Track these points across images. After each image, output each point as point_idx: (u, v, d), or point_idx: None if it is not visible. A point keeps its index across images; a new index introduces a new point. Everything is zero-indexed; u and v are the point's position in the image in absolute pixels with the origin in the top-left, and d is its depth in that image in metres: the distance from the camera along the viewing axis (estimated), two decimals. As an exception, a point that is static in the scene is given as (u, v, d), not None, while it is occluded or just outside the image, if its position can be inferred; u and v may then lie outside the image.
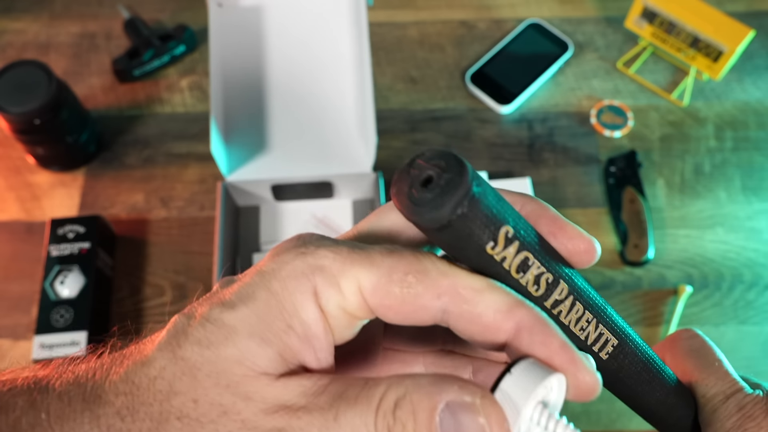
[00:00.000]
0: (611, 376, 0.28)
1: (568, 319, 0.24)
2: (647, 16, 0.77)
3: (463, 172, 0.20)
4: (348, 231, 0.26)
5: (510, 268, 0.22)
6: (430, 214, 0.20)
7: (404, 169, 0.21)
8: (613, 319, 0.26)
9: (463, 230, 0.20)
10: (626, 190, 0.72)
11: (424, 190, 0.20)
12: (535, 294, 0.23)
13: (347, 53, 0.70)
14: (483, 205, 0.20)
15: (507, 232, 0.21)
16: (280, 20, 0.70)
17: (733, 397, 0.30)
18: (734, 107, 0.78)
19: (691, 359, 0.32)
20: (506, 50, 0.81)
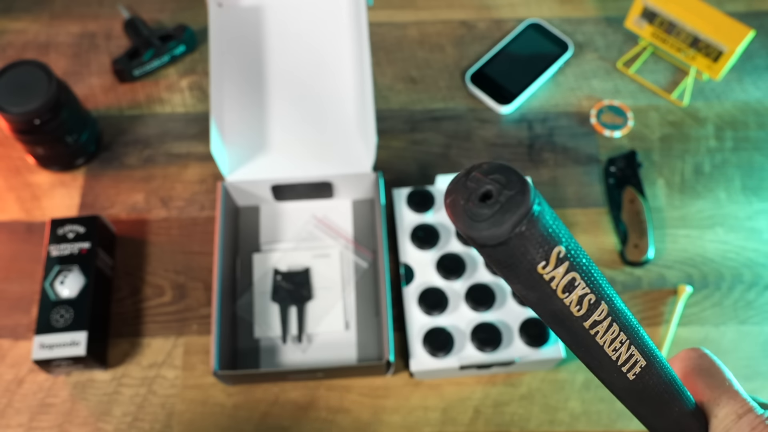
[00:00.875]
0: (635, 395, 0.28)
1: (603, 340, 0.24)
2: (647, 16, 0.77)
3: (525, 191, 0.19)
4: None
5: (557, 288, 0.21)
6: (489, 230, 0.19)
7: (460, 180, 0.20)
8: (645, 341, 0.26)
9: (519, 249, 0.20)
10: (626, 190, 0.72)
11: (482, 205, 0.19)
12: (577, 314, 0.23)
13: (347, 53, 0.70)
14: (541, 225, 0.20)
15: (560, 252, 0.21)
16: (280, 20, 0.70)
17: (745, 417, 0.30)
18: (734, 107, 0.78)
19: (702, 379, 0.33)
20: (506, 50, 0.81)
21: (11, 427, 0.62)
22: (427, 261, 0.66)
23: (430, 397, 0.64)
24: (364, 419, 0.63)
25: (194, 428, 0.62)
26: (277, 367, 0.64)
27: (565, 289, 0.22)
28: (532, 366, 0.63)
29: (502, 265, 0.21)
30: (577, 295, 0.22)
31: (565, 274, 0.21)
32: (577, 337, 0.24)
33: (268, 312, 0.66)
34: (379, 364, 0.59)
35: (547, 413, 0.63)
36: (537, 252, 0.20)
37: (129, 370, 0.65)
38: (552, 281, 0.21)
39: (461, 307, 0.64)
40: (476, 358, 0.61)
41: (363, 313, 0.67)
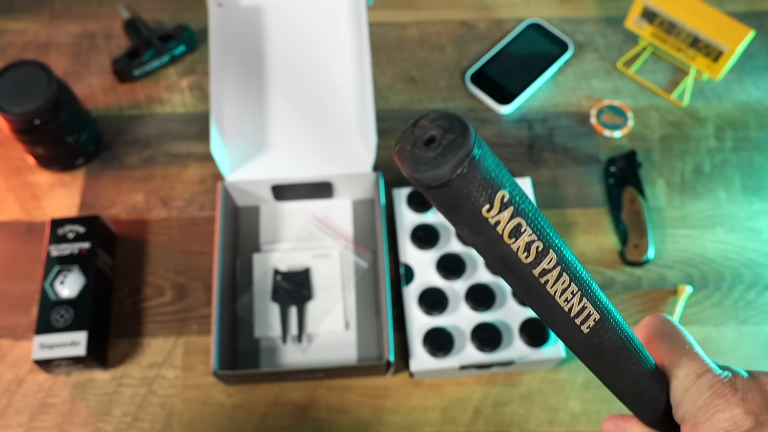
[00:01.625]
0: (591, 350, 0.29)
1: (554, 289, 0.25)
2: (647, 16, 0.77)
3: (466, 134, 0.20)
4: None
5: (503, 232, 0.22)
6: (432, 171, 0.20)
7: (408, 128, 0.21)
8: (597, 295, 0.27)
9: (462, 190, 0.20)
10: (626, 190, 0.72)
11: (426, 149, 0.20)
12: (525, 261, 0.23)
13: (347, 53, 0.70)
14: (482, 168, 0.20)
15: (503, 196, 0.21)
16: (280, 20, 0.70)
17: (704, 377, 0.31)
18: (734, 107, 0.78)
19: (664, 343, 0.34)
20: (506, 50, 0.81)
21: (11, 427, 0.62)
22: (427, 261, 0.66)
23: (430, 397, 0.63)
24: (364, 419, 0.63)
25: (194, 428, 0.62)
26: (277, 367, 0.64)
27: (512, 234, 0.22)
28: (532, 366, 0.63)
29: (448, 208, 0.21)
30: (524, 242, 0.23)
31: (510, 219, 0.22)
32: (528, 286, 0.25)
33: (268, 312, 0.66)
34: (379, 364, 0.59)
35: (547, 413, 0.63)
36: (480, 195, 0.21)
37: (129, 370, 0.65)
38: (497, 225, 0.22)
39: (461, 307, 0.64)
40: (476, 358, 0.61)
41: (363, 313, 0.67)
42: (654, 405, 0.33)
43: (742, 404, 0.30)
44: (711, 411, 0.30)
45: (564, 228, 0.71)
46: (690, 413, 0.31)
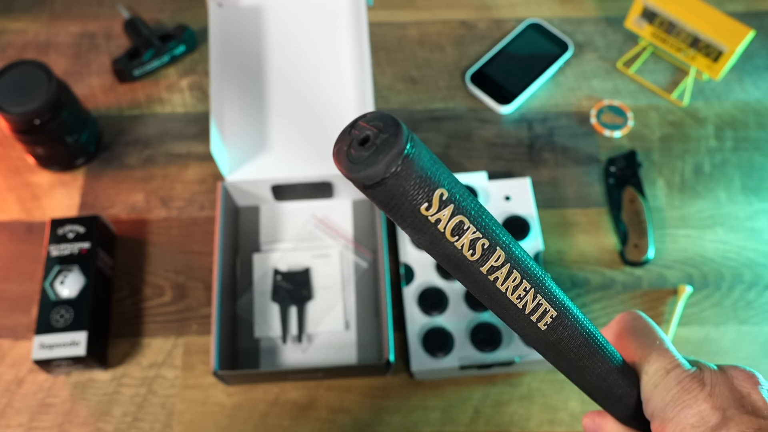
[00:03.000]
0: (551, 348, 0.29)
1: (505, 287, 0.25)
2: (647, 16, 0.77)
3: (398, 133, 0.20)
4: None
5: (445, 230, 0.22)
6: (365, 171, 0.20)
7: (346, 130, 0.22)
8: (553, 291, 0.27)
9: (397, 189, 0.21)
10: (626, 190, 0.72)
11: (361, 149, 0.21)
12: (471, 258, 0.23)
13: (347, 53, 0.70)
14: (417, 166, 0.21)
15: (442, 194, 0.21)
16: (280, 20, 0.70)
17: (673, 372, 0.31)
18: (734, 107, 0.78)
19: (635, 339, 0.34)
20: (506, 50, 0.81)
21: (11, 427, 0.62)
22: (427, 261, 0.66)
23: (430, 397, 0.64)
24: (364, 419, 0.63)
25: (194, 428, 0.62)
26: (277, 367, 0.64)
27: (454, 232, 0.22)
28: (532, 366, 0.63)
29: (387, 207, 0.22)
30: (468, 239, 0.23)
31: (451, 216, 0.22)
32: (478, 283, 0.25)
33: (268, 312, 0.66)
34: (379, 364, 0.59)
35: (547, 413, 0.63)
36: (417, 193, 0.21)
37: (129, 370, 0.65)
38: (438, 223, 0.22)
39: (461, 307, 0.64)
40: (476, 358, 0.61)
41: (363, 313, 0.67)
42: (624, 402, 0.33)
43: (709, 399, 0.30)
44: (679, 407, 0.30)
45: (564, 228, 0.71)
46: (659, 409, 0.31)
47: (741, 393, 0.30)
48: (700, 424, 0.29)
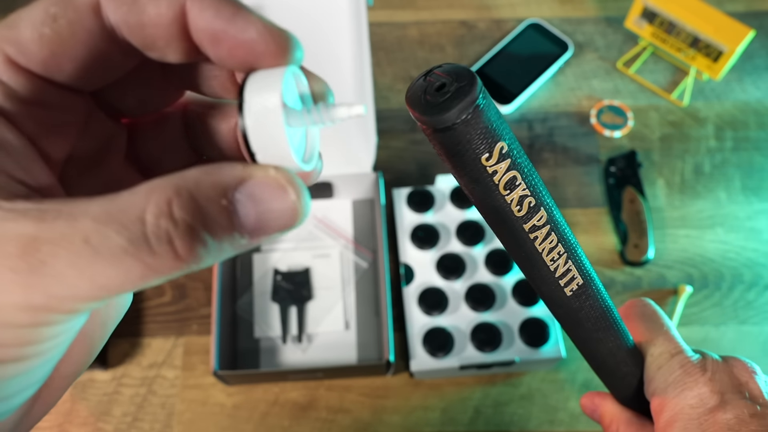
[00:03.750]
0: (572, 315, 0.30)
1: (541, 247, 0.26)
2: (647, 16, 0.77)
3: (473, 83, 0.21)
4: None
5: (499, 183, 0.23)
6: (439, 115, 0.21)
7: (421, 77, 0.23)
8: (582, 260, 0.28)
9: (465, 136, 0.22)
10: (626, 190, 0.72)
11: (436, 95, 0.22)
12: (517, 214, 0.24)
13: (347, 53, 0.70)
14: (485, 117, 0.22)
15: (502, 147, 0.22)
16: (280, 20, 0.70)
17: (677, 356, 0.33)
18: (734, 107, 0.78)
19: (644, 323, 0.36)
20: (506, 50, 0.81)
21: (11, 427, 0.62)
22: (427, 261, 0.66)
23: (430, 397, 0.63)
24: (364, 419, 0.63)
25: (194, 428, 0.62)
26: (277, 367, 0.64)
27: (507, 186, 0.23)
28: (532, 366, 0.63)
29: (450, 153, 0.22)
30: (518, 195, 0.24)
31: (507, 170, 0.23)
32: (518, 240, 0.26)
33: (268, 312, 0.66)
34: (379, 364, 0.59)
35: (547, 413, 0.63)
36: (481, 143, 0.22)
37: (129, 370, 0.65)
38: (494, 175, 0.23)
39: (461, 307, 0.64)
40: (476, 358, 0.61)
41: (363, 313, 0.67)
42: (627, 380, 0.34)
43: (709, 384, 0.31)
44: (680, 388, 0.32)
45: (564, 228, 0.71)
46: (660, 389, 0.33)
47: (740, 381, 0.32)
48: (699, 406, 0.31)
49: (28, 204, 0.17)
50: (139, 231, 0.16)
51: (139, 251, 0.16)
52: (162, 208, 0.16)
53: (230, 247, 0.18)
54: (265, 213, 0.18)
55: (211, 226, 0.17)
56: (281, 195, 0.18)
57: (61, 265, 0.16)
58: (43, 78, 0.19)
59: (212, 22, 0.19)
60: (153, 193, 0.16)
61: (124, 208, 0.16)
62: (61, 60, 0.19)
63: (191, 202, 0.16)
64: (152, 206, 0.16)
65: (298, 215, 0.18)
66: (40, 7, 0.19)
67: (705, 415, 0.31)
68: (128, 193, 0.17)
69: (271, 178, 0.18)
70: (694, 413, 0.31)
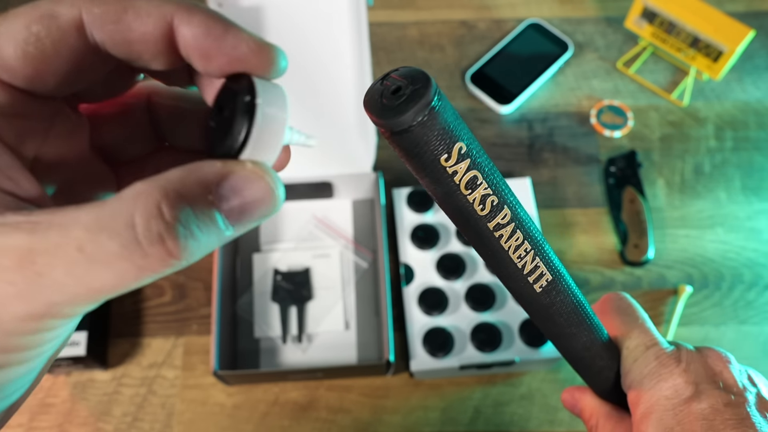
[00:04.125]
0: (542, 311, 0.30)
1: (507, 245, 0.26)
2: (647, 16, 0.77)
3: (428, 86, 0.22)
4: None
5: (460, 182, 0.23)
6: (395, 117, 0.22)
7: (378, 81, 0.23)
8: (550, 257, 0.28)
9: (421, 137, 0.22)
10: (626, 190, 0.72)
11: (392, 98, 0.22)
12: (480, 213, 0.25)
13: (347, 53, 0.70)
14: (441, 118, 0.22)
15: (461, 148, 0.23)
16: (280, 20, 0.70)
17: (652, 348, 0.34)
18: (734, 107, 0.78)
19: (619, 317, 0.36)
20: (506, 50, 0.81)
21: (11, 427, 0.62)
22: (427, 261, 0.66)
23: (430, 397, 0.64)
24: (364, 419, 0.63)
25: (194, 428, 0.62)
26: (277, 367, 0.64)
27: (468, 186, 0.24)
28: (532, 366, 0.63)
29: (410, 155, 0.23)
30: (480, 194, 0.24)
31: (467, 170, 0.23)
32: (483, 239, 0.26)
33: (268, 312, 0.66)
34: (379, 364, 0.59)
35: (547, 413, 0.63)
36: (439, 144, 0.22)
37: (129, 370, 0.65)
38: (455, 175, 0.23)
39: (461, 307, 0.64)
40: (476, 358, 0.61)
41: (363, 313, 0.67)
42: (604, 374, 0.35)
43: (684, 374, 0.32)
44: (655, 379, 0.32)
45: (564, 228, 0.71)
46: (636, 381, 0.33)
47: (714, 371, 0.32)
48: (674, 396, 0.31)
49: (19, 216, 0.17)
50: (131, 235, 0.17)
51: (132, 254, 0.17)
52: (151, 211, 0.17)
53: (217, 240, 0.19)
54: (248, 202, 0.19)
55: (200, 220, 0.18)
56: (261, 185, 0.19)
57: (58, 274, 0.17)
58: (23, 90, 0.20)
59: (203, 41, 0.20)
60: (140, 197, 0.17)
61: (113, 214, 0.17)
62: (44, 75, 0.20)
63: (179, 201, 0.17)
64: (141, 210, 0.17)
65: (277, 201, 0.20)
66: (20, 23, 0.19)
67: (680, 405, 0.31)
68: (115, 199, 0.17)
69: (251, 170, 0.19)
70: (669, 404, 0.31)
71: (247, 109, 0.20)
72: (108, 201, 0.17)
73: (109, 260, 0.17)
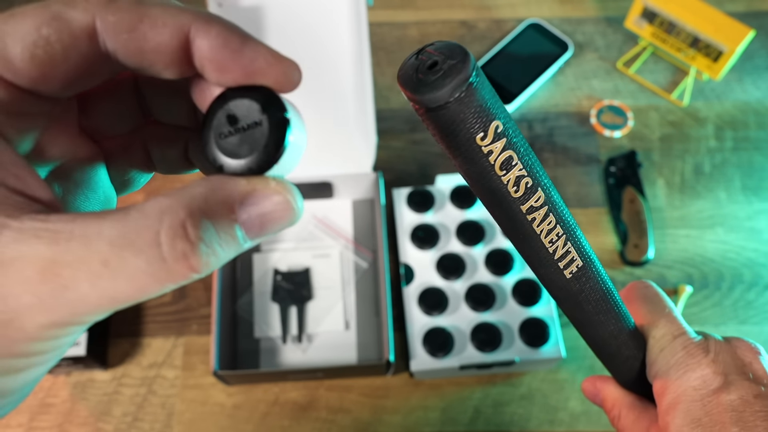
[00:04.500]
0: (572, 297, 0.29)
1: (539, 228, 0.25)
2: (647, 16, 0.77)
3: (466, 60, 0.21)
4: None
5: (495, 162, 0.23)
6: (431, 93, 0.21)
7: (413, 55, 0.22)
8: (581, 242, 0.27)
9: (458, 115, 0.21)
10: (626, 190, 0.72)
11: (428, 73, 0.21)
12: (514, 195, 0.24)
13: (347, 53, 0.70)
14: (479, 95, 0.21)
15: (497, 126, 0.22)
16: (279, 20, 0.70)
17: (680, 338, 0.33)
18: (734, 107, 0.78)
19: (645, 305, 0.35)
20: (506, 50, 0.81)
21: (11, 427, 0.62)
22: (427, 261, 0.66)
23: (430, 397, 0.64)
24: (364, 419, 0.63)
25: (194, 428, 0.62)
26: (277, 367, 0.64)
27: (503, 166, 0.23)
28: (532, 366, 0.63)
29: (444, 133, 0.22)
30: (514, 175, 0.23)
31: (502, 150, 0.22)
32: (515, 222, 0.25)
33: (268, 312, 0.66)
34: (379, 364, 0.59)
35: (547, 413, 0.63)
36: (475, 122, 0.21)
37: (129, 370, 0.65)
38: (490, 155, 0.22)
39: (461, 307, 0.64)
40: (476, 358, 0.61)
41: (363, 313, 0.67)
42: (630, 363, 0.34)
43: (712, 365, 0.31)
44: (683, 369, 0.32)
45: (564, 228, 0.71)
46: (663, 371, 0.33)
47: (743, 361, 0.31)
48: (702, 387, 0.31)
49: (36, 222, 0.17)
50: (157, 253, 0.17)
51: (157, 271, 0.17)
52: (177, 231, 0.17)
53: (235, 252, 0.19)
54: (269, 219, 0.19)
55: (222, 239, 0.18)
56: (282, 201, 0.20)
57: (83, 288, 0.17)
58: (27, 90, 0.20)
59: (220, 53, 0.20)
60: (165, 215, 0.17)
61: (138, 230, 0.17)
62: (50, 78, 0.19)
63: (204, 222, 0.18)
64: (166, 228, 0.17)
65: (296, 215, 0.20)
66: (30, 23, 0.19)
67: (708, 396, 0.30)
68: (139, 213, 0.18)
69: (273, 188, 0.19)
70: (697, 395, 0.30)
71: (279, 126, 0.20)
72: (131, 214, 0.18)
73: (133, 275, 0.17)
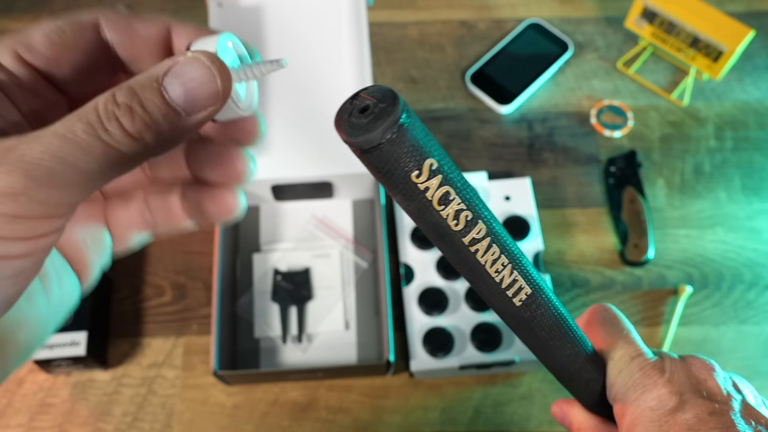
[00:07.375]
0: (524, 324, 0.30)
1: (484, 259, 0.26)
2: (647, 16, 0.77)
3: (395, 103, 0.22)
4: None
5: (432, 199, 0.24)
6: (364, 136, 0.22)
7: (348, 100, 0.23)
8: (528, 270, 0.28)
9: (391, 155, 0.22)
10: (626, 190, 0.72)
11: (361, 116, 0.22)
12: (455, 228, 0.25)
13: (347, 53, 0.70)
14: (410, 135, 0.22)
15: (431, 164, 0.23)
16: (280, 20, 0.70)
17: (637, 359, 0.33)
18: (734, 107, 0.78)
19: (603, 328, 0.36)
20: (506, 50, 0.81)
21: (11, 427, 0.62)
22: (427, 261, 0.66)
23: (430, 397, 0.64)
24: (364, 419, 0.63)
25: (194, 428, 0.62)
26: (277, 367, 0.64)
27: (441, 202, 0.24)
28: (532, 366, 0.63)
29: (381, 172, 0.23)
30: (453, 210, 0.24)
31: (439, 186, 0.23)
32: (459, 254, 0.26)
33: (268, 312, 0.66)
34: (379, 364, 0.59)
35: (547, 413, 0.63)
36: (409, 160, 0.22)
37: (129, 370, 0.65)
38: (427, 191, 0.23)
39: (461, 307, 0.64)
40: (476, 358, 0.61)
41: (363, 313, 0.67)
42: (591, 387, 0.35)
43: (668, 385, 0.32)
44: (639, 390, 0.32)
45: (564, 228, 0.71)
46: (621, 393, 0.33)
47: (698, 379, 0.32)
48: (659, 407, 0.31)
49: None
50: (94, 116, 0.21)
51: (96, 130, 0.21)
52: (108, 98, 0.22)
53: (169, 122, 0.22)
54: (190, 84, 0.22)
55: (147, 104, 0.22)
56: (201, 67, 0.22)
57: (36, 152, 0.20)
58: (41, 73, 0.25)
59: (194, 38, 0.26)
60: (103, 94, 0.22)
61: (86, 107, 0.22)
62: (62, 61, 0.25)
63: (129, 89, 0.22)
64: (101, 98, 0.22)
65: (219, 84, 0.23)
66: (50, 21, 0.25)
67: (665, 416, 0.31)
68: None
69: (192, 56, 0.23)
70: (654, 415, 0.31)
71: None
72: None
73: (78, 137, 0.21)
